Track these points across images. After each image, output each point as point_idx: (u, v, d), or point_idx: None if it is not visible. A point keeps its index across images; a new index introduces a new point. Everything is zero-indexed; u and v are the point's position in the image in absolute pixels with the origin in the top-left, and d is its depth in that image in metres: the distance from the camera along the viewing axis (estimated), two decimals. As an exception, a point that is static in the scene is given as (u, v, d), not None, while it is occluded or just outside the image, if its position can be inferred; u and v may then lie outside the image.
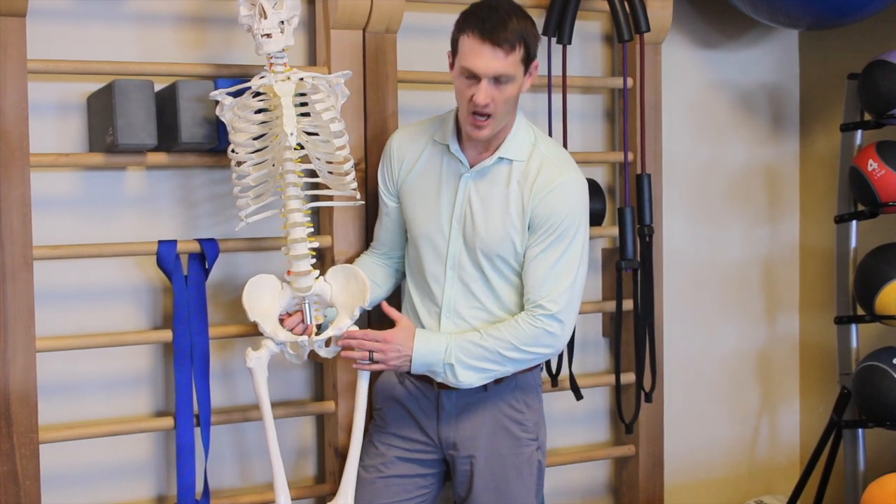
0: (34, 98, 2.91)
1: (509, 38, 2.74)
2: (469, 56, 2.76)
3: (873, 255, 3.77)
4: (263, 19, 2.85)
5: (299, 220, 2.92)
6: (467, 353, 2.88)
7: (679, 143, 3.97)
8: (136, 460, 3.20)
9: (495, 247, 2.90)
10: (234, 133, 2.92)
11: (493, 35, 2.73)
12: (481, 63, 2.75)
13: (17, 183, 2.85)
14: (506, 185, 2.91)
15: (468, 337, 2.89)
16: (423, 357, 2.89)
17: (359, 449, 2.99)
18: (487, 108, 2.78)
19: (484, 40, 2.74)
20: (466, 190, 2.94)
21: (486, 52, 2.74)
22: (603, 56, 3.84)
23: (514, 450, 3.01)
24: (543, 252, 2.89)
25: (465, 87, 2.80)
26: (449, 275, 2.95)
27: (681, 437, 4.02)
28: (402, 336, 2.90)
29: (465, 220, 2.93)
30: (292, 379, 3.36)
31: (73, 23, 3.08)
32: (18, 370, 2.87)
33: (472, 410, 2.99)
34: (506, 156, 2.91)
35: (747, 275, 4.22)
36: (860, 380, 3.73)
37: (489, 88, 2.77)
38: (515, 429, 3.01)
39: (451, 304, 2.96)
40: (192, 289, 3.07)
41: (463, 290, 2.95)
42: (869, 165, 3.69)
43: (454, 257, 2.95)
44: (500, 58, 2.75)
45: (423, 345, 2.89)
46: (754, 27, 4.11)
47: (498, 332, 2.89)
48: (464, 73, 2.79)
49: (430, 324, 2.98)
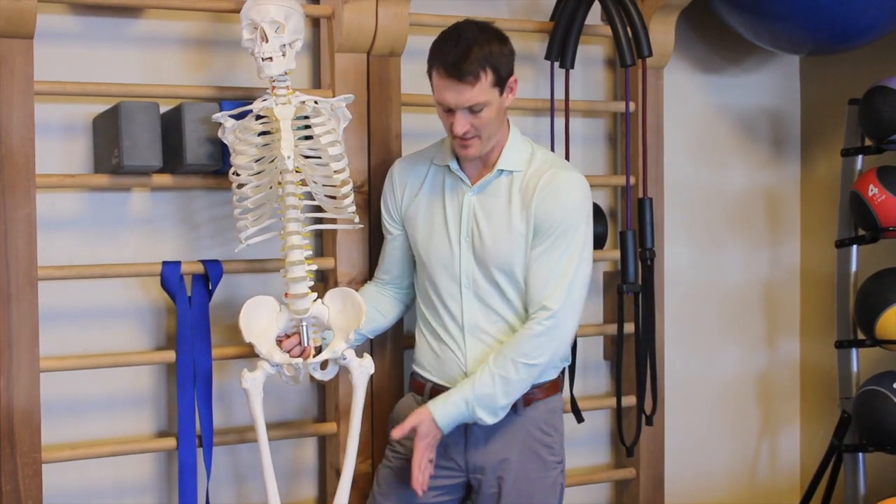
0: (40, 119, 2.93)
1: (471, 70, 2.76)
2: (439, 90, 2.82)
3: (874, 279, 3.78)
4: (265, 43, 2.87)
5: (297, 243, 2.93)
6: (489, 399, 2.87)
7: (681, 167, 3.98)
8: (139, 480, 3.20)
9: (507, 259, 2.91)
10: (236, 155, 2.94)
11: (456, 69, 2.76)
12: (451, 98, 2.80)
13: (23, 203, 2.87)
14: (507, 196, 2.93)
15: (481, 384, 2.87)
16: (451, 423, 2.88)
17: (352, 470, 2.98)
18: (468, 135, 2.83)
19: (449, 76, 2.78)
20: (471, 207, 2.96)
21: (452, 87, 2.78)
22: (605, 80, 3.86)
23: (542, 473, 3.00)
24: (543, 253, 2.89)
25: (444, 117, 2.86)
26: (465, 293, 2.96)
27: (681, 461, 4.02)
28: (426, 427, 2.88)
29: (473, 236, 2.94)
30: (294, 400, 3.37)
31: (79, 45, 3.10)
32: (22, 389, 2.88)
33: (503, 433, 2.97)
34: (505, 168, 2.93)
35: (748, 298, 4.22)
36: (861, 404, 3.73)
37: (464, 118, 2.81)
38: (544, 452, 3.00)
39: (473, 322, 2.96)
40: (195, 310, 3.07)
41: (480, 305, 2.96)
42: (870, 190, 3.71)
43: (467, 275, 2.96)
44: (468, 90, 2.78)
45: (444, 415, 2.87)
46: (756, 52, 4.13)
47: (503, 358, 2.87)
48: (440, 105, 2.85)
49: (454, 343, 2.97)
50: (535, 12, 3.69)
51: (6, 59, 2.84)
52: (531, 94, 3.58)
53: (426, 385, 3.03)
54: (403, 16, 3.24)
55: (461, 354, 2.96)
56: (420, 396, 3.04)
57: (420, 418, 2.88)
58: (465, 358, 2.96)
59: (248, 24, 2.89)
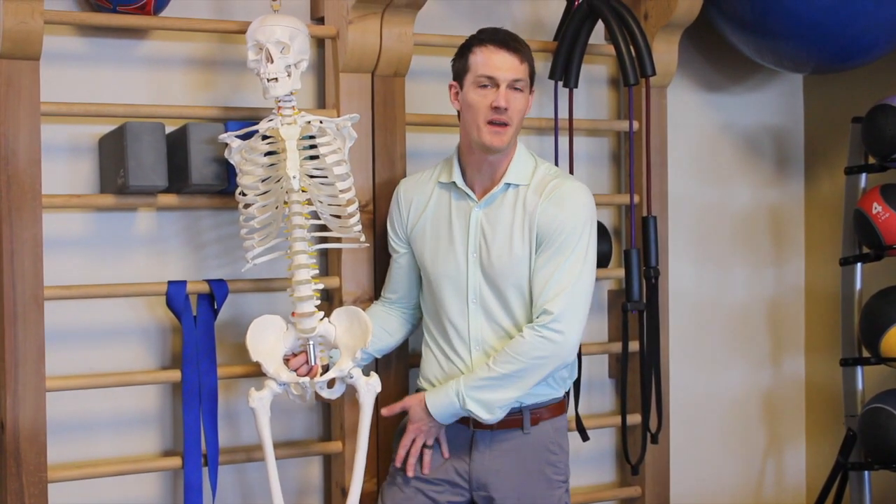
0: (47, 140, 2.94)
1: (521, 49, 2.92)
2: (486, 64, 2.89)
3: (878, 297, 3.78)
4: (270, 64, 2.88)
5: (304, 262, 2.94)
6: (480, 390, 2.89)
7: (685, 186, 3.99)
8: (144, 500, 3.20)
9: (513, 273, 2.92)
10: (242, 175, 2.95)
11: (507, 44, 2.90)
12: (500, 67, 2.89)
13: (29, 223, 2.88)
14: (512, 209, 2.95)
15: (476, 374, 2.91)
16: (442, 413, 2.92)
17: (359, 489, 2.99)
18: (506, 114, 2.88)
19: (500, 48, 2.90)
20: (478, 222, 2.97)
21: (503, 58, 2.89)
22: (609, 99, 3.87)
23: (547, 492, 3.00)
24: (548, 261, 2.90)
25: (481, 98, 2.90)
26: (472, 308, 2.97)
27: (687, 479, 4.01)
28: (418, 412, 2.96)
29: (481, 251, 2.96)
30: (300, 419, 3.37)
31: (85, 66, 3.11)
32: (28, 409, 2.88)
33: (508, 451, 2.98)
34: (512, 181, 2.96)
35: (753, 317, 4.22)
36: (866, 422, 3.73)
37: (507, 92, 2.88)
38: (549, 471, 3.01)
39: (479, 337, 2.97)
40: (200, 329, 3.08)
41: (487, 320, 2.97)
42: (873, 208, 3.71)
43: (475, 290, 2.97)
44: (516, 64, 2.90)
45: (435, 404, 2.92)
46: (759, 71, 4.14)
47: (502, 354, 2.90)
48: (479, 83, 2.90)
49: (460, 360, 2.98)
50: (539, 32, 3.71)
51: (13, 80, 2.85)
52: (535, 114, 3.59)
53: None
54: (408, 36, 3.25)
55: (466, 370, 2.97)
56: None
57: (412, 402, 2.97)
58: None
59: (253, 44, 2.91)
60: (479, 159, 2.96)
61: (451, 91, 2.99)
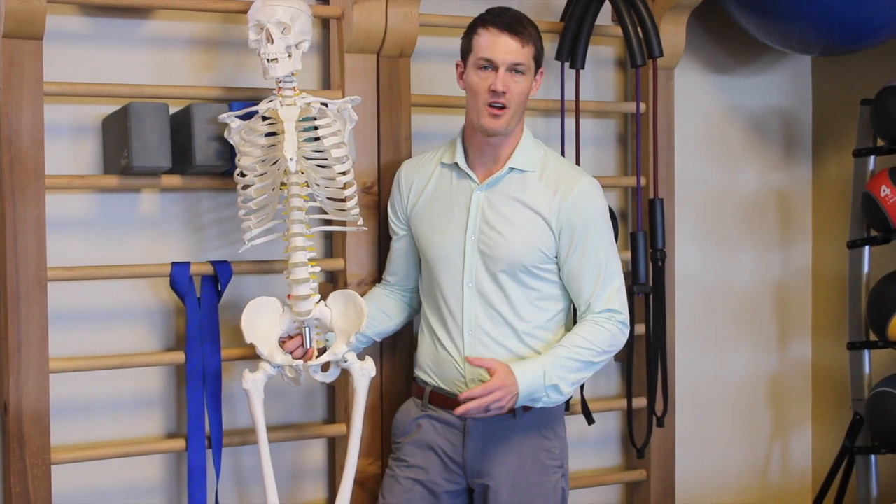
0: (50, 120, 2.93)
1: (526, 33, 2.91)
2: (487, 47, 2.88)
3: (886, 280, 3.77)
4: (270, 44, 2.86)
5: (301, 245, 2.93)
6: (565, 369, 2.90)
7: (691, 168, 3.97)
8: (148, 482, 3.20)
9: (520, 257, 2.92)
10: (241, 156, 2.94)
11: (510, 27, 2.89)
12: (500, 50, 2.88)
13: (33, 204, 2.87)
14: (522, 194, 2.94)
15: (558, 353, 2.91)
16: (527, 388, 2.88)
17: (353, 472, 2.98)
18: (504, 97, 2.87)
19: (502, 31, 2.88)
20: (479, 204, 2.96)
21: (504, 41, 2.88)
22: (616, 81, 3.85)
23: (541, 478, 3.00)
24: (585, 263, 2.95)
25: (480, 80, 2.89)
26: (467, 292, 2.96)
27: (692, 462, 4.01)
28: (507, 379, 2.85)
29: (481, 234, 2.94)
30: (303, 402, 3.36)
31: (88, 46, 3.10)
32: (31, 391, 2.88)
33: (501, 437, 2.97)
34: (517, 166, 2.95)
35: (760, 300, 4.21)
36: (873, 406, 3.72)
37: (506, 76, 2.88)
38: (543, 456, 3.01)
39: (473, 321, 2.96)
40: (204, 310, 3.08)
41: (483, 305, 2.96)
42: (882, 191, 3.69)
43: (471, 273, 2.96)
44: (517, 48, 2.88)
45: (524, 377, 2.88)
46: (767, 52, 4.12)
47: (584, 340, 2.93)
48: (480, 66, 2.89)
49: (452, 345, 2.98)
50: (546, 12, 3.68)
51: (16, 60, 2.84)
52: (541, 95, 3.57)
53: (426, 389, 3.04)
54: (413, 16, 3.24)
55: (458, 356, 2.96)
56: (420, 401, 3.06)
57: (501, 365, 2.87)
58: (463, 359, 2.95)
59: (254, 24, 2.89)
60: (481, 141, 2.96)
61: (458, 70, 2.98)
